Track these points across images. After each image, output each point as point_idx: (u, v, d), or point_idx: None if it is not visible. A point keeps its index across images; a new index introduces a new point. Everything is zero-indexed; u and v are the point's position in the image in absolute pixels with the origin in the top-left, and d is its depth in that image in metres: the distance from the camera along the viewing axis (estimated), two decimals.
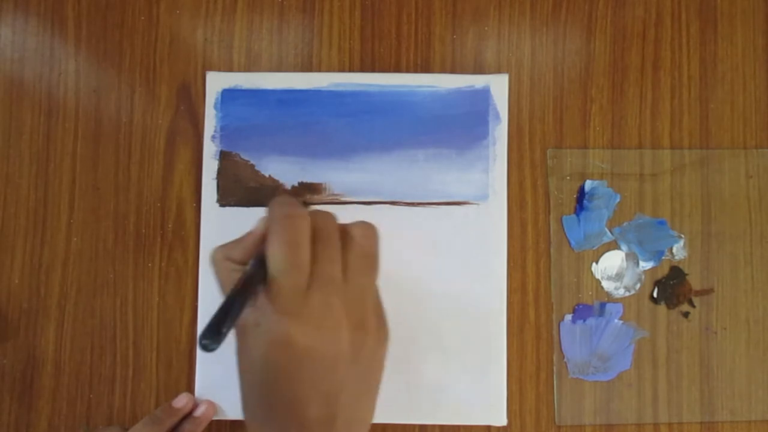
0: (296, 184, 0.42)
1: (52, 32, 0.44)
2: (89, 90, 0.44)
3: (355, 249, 0.33)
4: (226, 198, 0.42)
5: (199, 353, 0.42)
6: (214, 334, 0.26)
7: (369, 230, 0.34)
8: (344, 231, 0.33)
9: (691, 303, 0.43)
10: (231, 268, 0.33)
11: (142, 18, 0.44)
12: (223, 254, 0.33)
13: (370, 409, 0.35)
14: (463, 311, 0.42)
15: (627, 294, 0.43)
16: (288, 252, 0.30)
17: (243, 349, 0.31)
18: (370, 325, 0.33)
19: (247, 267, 0.31)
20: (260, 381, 0.31)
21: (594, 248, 0.43)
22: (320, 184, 0.42)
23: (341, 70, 0.44)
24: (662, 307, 0.43)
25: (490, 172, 0.43)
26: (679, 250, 0.43)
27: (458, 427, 0.42)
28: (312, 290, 0.31)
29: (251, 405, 0.33)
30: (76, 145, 0.43)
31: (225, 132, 0.43)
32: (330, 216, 0.33)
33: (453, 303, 0.42)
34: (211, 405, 0.41)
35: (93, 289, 0.43)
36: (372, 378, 0.34)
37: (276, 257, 0.30)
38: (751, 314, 0.43)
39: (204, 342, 0.26)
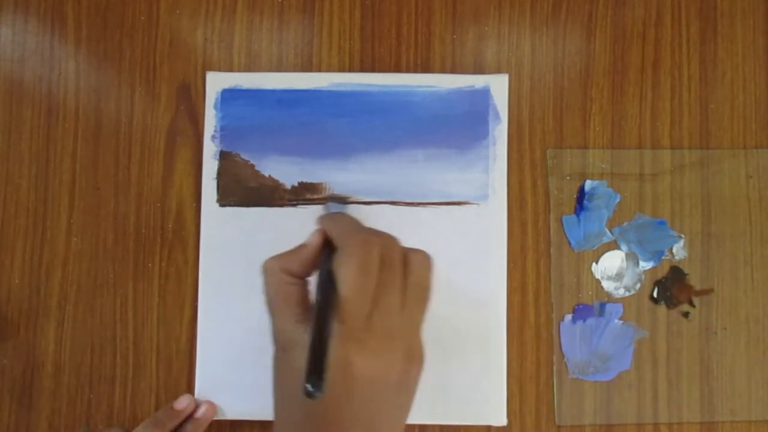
0: (296, 184, 0.42)
1: (52, 32, 0.44)
2: (89, 90, 0.44)
3: (415, 279, 0.32)
4: (226, 198, 0.42)
5: (199, 353, 0.42)
6: (319, 380, 0.26)
7: (427, 260, 0.33)
8: (405, 257, 0.33)
9: (691, 303, 0.43)
10: (285, 281, 0.32)
11: (142, 18, 0.44)
12: (279, 266, 0.33)
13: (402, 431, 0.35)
14: (462, 311, 0.42)
15: (627, 294, 0.43)
16: (361, 278, 0.30)
17: (289, 364, 0.31)
18: (416, 355, 0.33)
19: (317, 294, 0.31)
20: (306, 401, 0.31)
21: (594, 248, 0.43)
22: (320, 184, 0.42)
23: (341, 70, 0.44)
24: (662, 307, 0.43)
25: (490, 172, 0.43)
26: (679, 250, 0.43)
27: (458, 427, 0.42)
28: (375, 317, 0.30)
29: (288, 423, 0.32)
30: (76, 145, 0.43)
31: (225, 132, 0.43)
32: (395, 242, 0.33)
33: (453, 303, 0.42)
34: (212, 405, 0.41)
35: (93, 289, 0.43)
36: (409, 404, 0.34)
37: (350, 282, 0.30)
38: (751, 314, 0.43)
39: (310, 390, 0.25)
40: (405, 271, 0.32)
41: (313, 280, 0.33)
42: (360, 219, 0.35)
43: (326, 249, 0.33)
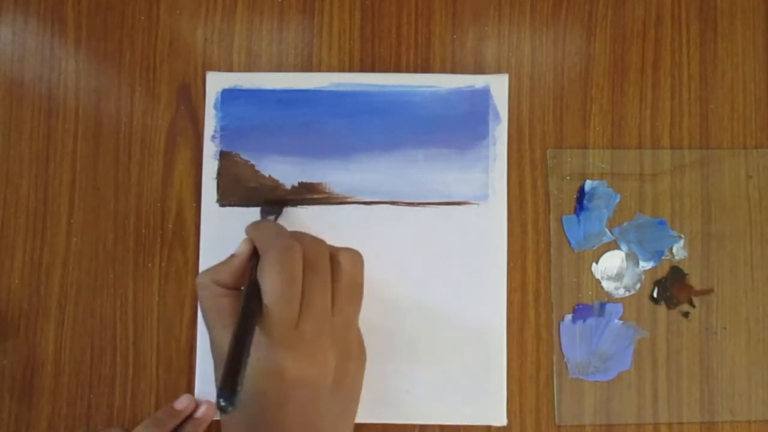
0: (296, 184, 0.42)
1: (52, 32, 0.44)
2: (89, 90, 0.44)
3: (344, 278, 0.33)
4: (226, 198, 0.42)
5: (199, 353, 0.42)
6: (231, 393, 0.25)
7: (356, 259, 0.34)
8: (332, 258, 0.33)
9: (691, 303, 0.43)
10: (217, 293, 0.33)
11: (142, 18, 0.44)
12: (210, 278, 0.33)
13: (350, 430, 0.35)
14: (462, 311, 0.42)
15: (627, 294, 0.43)
16: (284, 285, 0.30)
17: None
18: (353, 353, 0.34)
19: (241, 302, 0.30)
20: (246, 409, 0.31)
21: (594, 248, 0.43)
22: (320, 184, 0.42)
23: (341, 70, 0.44)
24: (662, 307, 0.43)
25: (490, 172, 0.43)
26: (679, 250, 0.43)
27: (458, 427, 0.42)
28: (303, 321, 0.30)
29: (234, 430, 0.33)
30: (76, 145, 0.43)
31: (225, 132, 0.43)
32: (321, 243, 0.33)
33: (452, 303, 0.42)
34: (212, 405, 0.41)
35: (93, 289, 0.43)
36: (352, 402, 0.35)
37: (272, 291, 0.30)
38: (751, 314, 0.43)
39: (222, 404, 0.24)
40: (333, 272, 0.32)
41: None
42: (286, 225, 0.35)
43: (254, 258, 0.33)
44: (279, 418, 0.31)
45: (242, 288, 0.33)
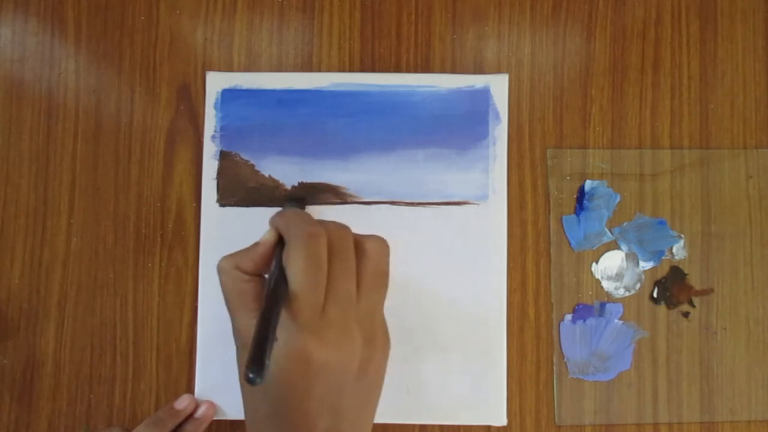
0: (296, 184, 0.42)
1: (52, 32, 0.44)
2: (89, 90, 0.44)
3: (369, 265, 0.33)
4: (226, 198, 0.42)
5: (199, 353, 0.42)
6: (259, 367, 0.26)
7: (382, 246, 0.34)
8: (358, 245, 0.33)
9: (691, 303, 0.43)
10: (240, 279, 0.33)
11: (142, 18, 0.44)
12: (232, 264, 0.33)
13: (371, 418, 0.35)
14: (463, 311, 0.42)
15: (627, 294, 0.43)
16: (310, 271, 0.30)
17: None
18: (378, 340, 0.34)
19: (267, 286, 0.31)
20: (271, 394, 0.31)
21: (594, 248, 0.43)
22: (320, 184, 0.42)
23: (341, 70, 0.44)
24: (662, 307, 0.43)
25: (490, 172, 0.43)
26: (679, 250, 0.43)
27: (458, 427, 0.42)
28: (329, 306, 0.31)
29: (257, 417, 0.33)
30: (76, 145, 0.43)
31: (225, 132, 0.43)
32: (346, 230, 0.33)
33: (453, 303, 0.42)
34: (212, 405, 0.41)
35: (93, 289, 0.43)
36: (375, 390, 0.35)
37: (298, 276, 0.30)
38: (751, 314, 0.43)
39: (251, 376, 0.25)
40: (359, 259, 0.32)
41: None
42: (313, 214, 0.35)
43: (280, 245, 0.33)
44: (303, 404, 0.31)
45: (266, 275, 0.33)
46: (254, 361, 0.26)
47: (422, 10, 0.44)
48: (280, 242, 0.34)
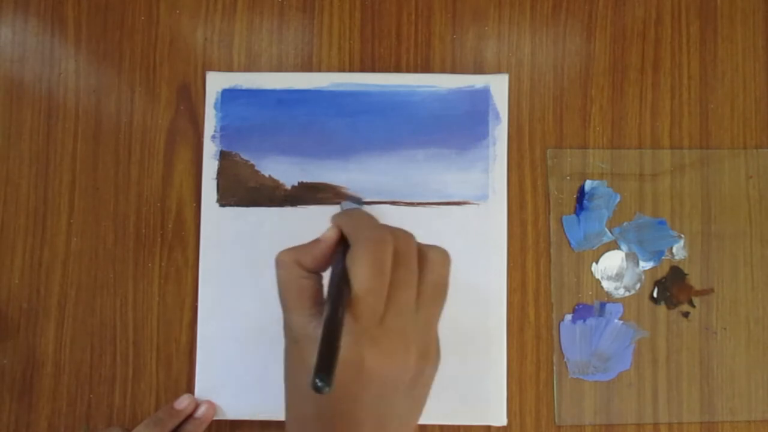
0: (296, 184, 0.42)
1: (52, 32, 0.44)
2: (89, 90, 0.44)
3: (430, 277, 0.32)
4: (226, 198, 0.42)
5: (199, 353, 0.42)
6: (328, 375, 0.25)
7: (445, 257, 0.33)
8: (421, 254, 0.32)
9: (691, 303, 0.43)
10: (299, 274, 0.32)
11: (142, 18, 0.44)
12: (293, 258, 0.32)
13: (413, 430, 0.34)
14: (462, 311, 0.42)
15: (627, 294, 0.43)
16: (375, 277, 0.29)
17: (301, 357, 0.30)
18: (431, 353, 0.33)
19: (330, 288, 0.30)
20: (318, 396, 0.31)
21: (594, 248, 0.43)
22: (320, 184, 0.42)
23: (341, 70, 0.44)
24: (662, 307, 0.43)
25: (490, 172, 0.43)
26: (679, 250, 0.43)
27: (458, 427, 0.42)
28: (389, 315, 0.30)
29: (299, 417, 0.32)
30: (76, 145, 0.43)
31: (225, 132, 0.43)
32: (411, 239, 0.32)
33: (452, 303, 0.42)
34: (212, 405, 0.41)
35: (93, 289, 0.43)
36: (422, 402, 0.34)
37: (362, 280, 0.29)
38: (751, 314, 0.43)
39: (319, 384, 0.25)
40: (421, 269, 0.32)
41: (327, 275, 0.32)
42: (376, 216, 0.35)
43: (342, 245, 0.33)
44: (351, 411, 0.30)
45: (329, 272, 0.33)
46: (322, 368, 0.25)
47: (422, 10, 0.44)
48: (341, 242, 0.33)
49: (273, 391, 0.39)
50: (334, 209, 0.42)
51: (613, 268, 0.43)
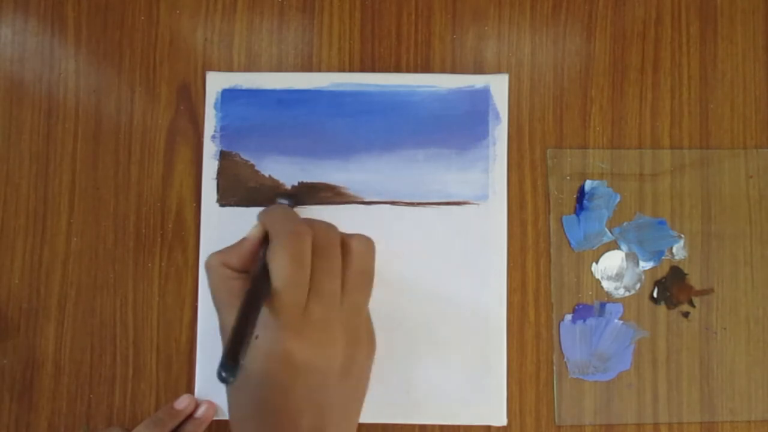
0: (296, 184, 0.42)
1: (52, 32, 0.44)
2: (89, 90, 0.44)
3: (354, 265, 0.33)
4: (226, 198, 0.42)
5: (199, 353, 0.42)
6: (232, 365, 0.25)
7: (368, 245, 0.34)
8: (344, 244, 0.33)
9: (691, 303, 0.43)
10: (227, 275, 0.33)
11: (142, 18, 0.44)
12: (219, 260, 0.33)
13: (356, 418, 0.35)
14: (462, 311, 0.42)
15: (627, 294, 0.43)
16: (293, 269, 0.30)
17: None
18: (362, 340, 0.33)
19: (249, 283, 0.31)
20: (253, 392, 0.31)
21: (594, 248, 0.43)
22: (320, 184, 0.42)
23: (341, 70, 0.44)
24: (662, 307, 0.43)
25: (490, 172, 0.43)
26: (679, 250, 0.43)
27: (458, 427, 0.42)
28: (312, 305, 0.30)
29: (240, 416, 0.33)
30: (76, 145, 0.44)
31: (225, 132, 0.43)
32: (332, 229, 0.33)
33: (453, 303, 0.42)
34: (212, 405, 0.41)
35: (93, 289, 0.43)
36: (360, 389, 0.35)
37: (281, 274, 0.30)
38: (751, 314, 0.43)
39: (223, 375, 0.25)
40: (344, 258, 0.32)
41: None
42: (308, 213, 0.35)
43: (266, 242, 0.33)
44: (286, 403, 0.31)
45: (251, 271, 0.33)
46: (228, 358, 0.26)
47: (422, 10, 0.44)
48: (266, 239, 0.33)
49: None
50: (335, 209, 0.42)
51: (613, 268, 0.43)
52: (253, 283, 0.30)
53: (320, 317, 0.31)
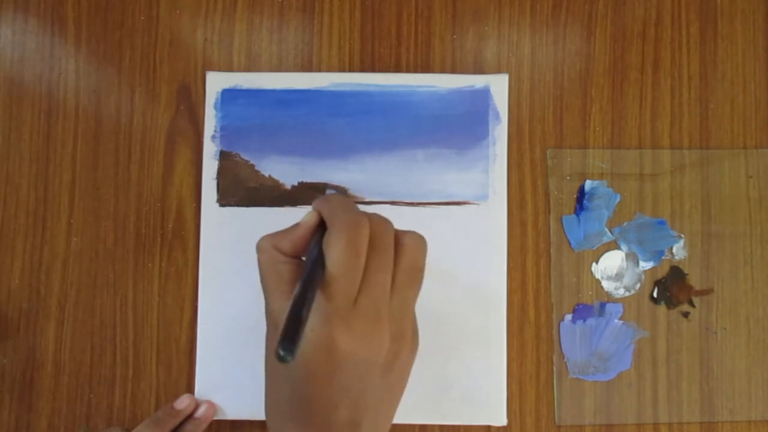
0: (296, 184, 0.42)
1: (52, 32, 0.44)
2: (89, 90, 0.44)
3: (406, 261, 0.32)
4: (226, 198, 0.42)
5: (199, 353, 0.42)
6: (291, 344, 0.25)
7: (420, 242, 0.33)
8: (397, 239, 0.33)
9: (691, 303, 0.43)
10: (277, 259, 0.32)
11: (142, 18, 0.44)
12: (271, 243, 0.33)
13: (392, 416, 0.35)
14: (462, 311, 0.42)
15: (627, 294, 0.43)
16: (349, 257, 0.30)
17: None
18: (407, 337, 0.33)
19: (306, 267, 0.31)
20: (293, 377, 0.31)
21: (594, 248, 0.43)
22: (320, 184, 0.42)
23: (341, 70, 0.44)
24: (662, 307, 0.43)
25: (490, 172, 0.43)
26: (679, 250, 0.43)
27: (458, 427, 0.42)
28: (362, 297, 0.30)
29: (277, 399, 0.33)
30: (76, 145, 0.44)
31: (225, 132, 0.43)
32: (387, 223, 0.33)
33: (452, 303, 0.42)
34: (212, 405, 0.41)
35: (93, 289, 0.43)
36: (399, 387, 0.34)
37: (337, 261, 0.30)
38: (751, 314, 0.43)
39: (281, 353, 0.25)
40: (396, 253, 0.32)
41: None
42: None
43: (321, 230, 0.33)
44: (324, 392, 0.31)
45: (304, 258, 0.33)
46: (286, 338, 0.26)
47: (422, 10, 0.44)
48: (320, 226, 0.33)
49: None
50: None
51: (613, 268, 0.43)
52: (309, 268, 0.30)
53: (369, 309, 0.31)
